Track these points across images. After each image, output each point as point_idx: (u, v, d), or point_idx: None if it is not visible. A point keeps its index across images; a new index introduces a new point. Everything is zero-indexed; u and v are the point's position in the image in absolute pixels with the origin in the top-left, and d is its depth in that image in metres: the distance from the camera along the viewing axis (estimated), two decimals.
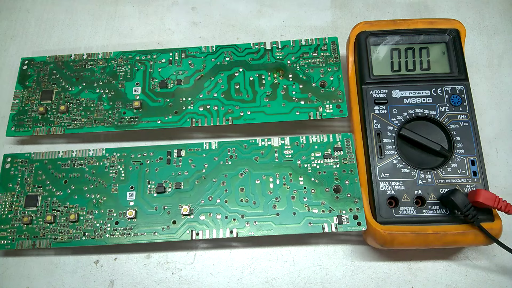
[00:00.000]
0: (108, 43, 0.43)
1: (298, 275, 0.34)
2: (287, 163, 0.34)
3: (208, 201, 0.34)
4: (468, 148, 0.33)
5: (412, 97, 0.35)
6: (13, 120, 0.38)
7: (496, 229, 0.31)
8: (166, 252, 0.35)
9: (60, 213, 0.34)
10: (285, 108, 0.36)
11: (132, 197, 0.34)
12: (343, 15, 0.44)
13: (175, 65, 0.39)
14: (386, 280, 0.34)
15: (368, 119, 0.34)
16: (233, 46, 0.39)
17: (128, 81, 0.38)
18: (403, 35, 0.36)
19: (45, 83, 0.39)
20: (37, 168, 0.36)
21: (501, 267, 0.34)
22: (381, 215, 0.32)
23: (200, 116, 0.36)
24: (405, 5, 0.44)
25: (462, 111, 0.34)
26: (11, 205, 0.35)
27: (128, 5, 0.45)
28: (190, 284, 0.34)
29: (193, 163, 0.35)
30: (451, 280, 0.34)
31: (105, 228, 0.33)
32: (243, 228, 0.33)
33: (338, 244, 0.35)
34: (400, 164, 0.33)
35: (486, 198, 0.30)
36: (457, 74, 0.35)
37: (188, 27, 0.44)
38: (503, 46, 0.42)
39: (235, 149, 0.35)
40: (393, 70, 0.36)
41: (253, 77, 0.37)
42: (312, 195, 0.33)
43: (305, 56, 0.38)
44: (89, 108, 0.38)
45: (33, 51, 0.43)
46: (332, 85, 0.37)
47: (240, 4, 0.45)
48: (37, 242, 0.33)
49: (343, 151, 0.35)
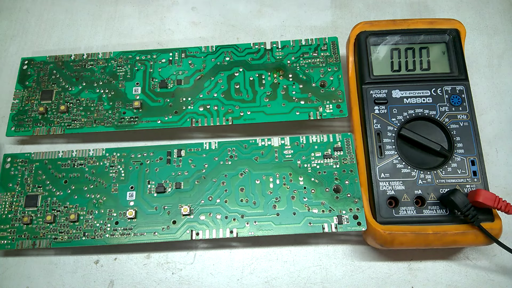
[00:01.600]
0: (108, 43, 0.43)
1: (298, 275, 0.34)
2: (287, 163, 0.34)
3: (208, 201, 0.34)
4: (468, 148, 0.33)
5: (412, 97, 0.35)
6: (13, 120, 0.38)
7: (496, 229, 0.31)
8: (166, 252, 0.35)
9: (60, 213, 0.34)
10: (285, 108, 0.36)
11: (132, 197, 0.34)
12: (343, 15, 0.44)
13: (175, 65, 0.39)
14: (386, 280, 0.34)
15: (368, 119, 0.34)
16: (233, 46, 0.39)
17: (128, 81, 0.38)
18: (403, 35, 0.36)
19: (45, 83, 0.39)
20: (37, 168, 0.36)
21: (501, 267, 0.34)
22: (381, 215, 0.32)
23: (200, 116, 0.36)
24: (405, 5, 0.44)
25: (462, 111, 0.34)
26: (11, 205, 0.35)
27: (128, 5, 0.45)
28: (190, 284, 0.34)
29: (193, 163, 0.35)
30: (451, 280, 0.34)
31: (105, 228, 0.33)
32: (243, 228, 0.33)
33: (338, 244, 0.35)
34: (400, 164, 0.33)
35: (486, 198, 0.30)
36: (457, 74, 0.35)
37: (188, 27, 0.44)
38: (503, 46, 0.42)
39: (235, 149, 0.35)
40: (393, 70, 0.36)
41: (253, 77, 0.37)
42: (312, 195, 0.33)
43: (305, 56, 0.38)
44: (89, 108, 0.38)
45: (33, 51, 0.43)
46: (332, 85, 0.37)
47: (240, 4, 0.45)
48: (37, 242, 0.33)
49: (343, 151, 0.35)
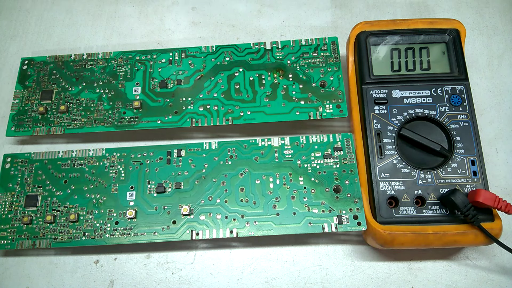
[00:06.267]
0: (108, 43, 0.43)
1: (298, 275, 0.34)
2: (287, 163, 0.34)
3: (208, 201, 0.34)
4: (468, 148, 0.33)
5: (412, 97, 0.35)
6: (13, 120, 0.38)
7: (496, 229, 0.31)
8: (166, 252, 0.35)
9: (60, 213, 0.34)
10: (285, 108, 0.36)
11: (132, 197, 0.34)
12: (343, 15, 0.44)
13: (175, 65, 0.39)
14: (386, 280, 0.34)
15: (368, 119, 0.34)
16: (233, 46, 0.39)
17: (128, 81, 0.38)
18: (403, 35, 0.36)
19: (45, 83, 0.39)
20: (37, 168, 0.36)
21: (501, 267, 0.34)
22: (381, 215, 0.32)
23: (200, 116, 0.36)
24: (405, 5, 0.44)
25: (462, 111, 0.34)
26: (11, 205, 0.35)
27: (128, 5, 0.45)
28: (190, 284, 0.34)
29: (193, 163, 0.35)
30: (451, 280, 0.34)
31: (105, 228, 0.33)
32: (243, 228, 0.33)
33: (338, 244, 0.35)
34: (400, 164, 0.33)
35: (486, 198, 0.30)
36: (457, 74, 0.35)
37: (188, 27, 0.44)
38: (503, 46, 0.42)
39: (235, 149, 0.35)
40: (393, 70, 0.36)
41: (253, 77, 0.37)
42: (312, 195, 0.33)
43: (305, 56, 0.38)
44: (89, 108, 0.38)
45: (33, 51, 0.43)
46: (332, 85, 0.37)
47: (240, 4, 0.45)
48: (37, 242, 0.33)
49: (343, 151, 0.35)
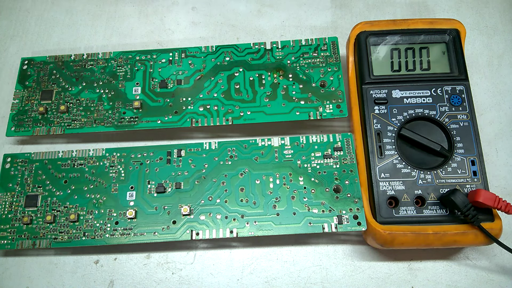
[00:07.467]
0: (108, 43, 0.43)
1: (298, 275, 0.34)
2: (287, 163, 0.34)
3: (208, 201, 0.34)
4: (468, 148, 0.33)
5: (412, 97, 0.35)
6: (13, 120, 0.38)
7: (496, 229, 0.31)
8: (166, 252, 0.35)
9: (60, 213, 0.34)
10: (285, 108, 0.36)
11: (132, 197, 0.34)
12: (343, 15, 0.44)
13: (175, 65, 0.39)
14: (386, 280, 0.34)
15: (368, 119, 0.34)
16: (233, 46, 0.39)
17: (128, 81, 0.38)
18: (403, 35, 0.36)
19: (45, 83, 0.39)
20: (37, 168, 0.36)
21: (501, 267, 0.34)
22: (381, 215, 0.32)
23: (200, 116, 0.36)
24: (405, 5, 0.44)
25: (462, 111, 0.34)
26: (11, 205, 0.35)
27: (128, 5, 0.45)
28: (190, 284, 0.34)
29: (193, 163, 0.35)
30: (451, 280, 0.34)
31: (105, 228, 0.33)
32: (243, 228, 0.33)
33: (338, 244, 0.35)
34: (400, 164, 0.33)
35: (486, 198, 0.30)
36: (457, 74, 0.35)
37: (188, 27, 0.44)
38: (503, 46, 0.42)
39: (235, 149, 0.35)
40: (393, 70, 0.36)
41: (253, 77, 0.37)
42: (312, 195, 0.33)
43: (305, 56, 0.38)
44: (89, 108, 0.38)
45: (33, 51, 0.43)
46: (332, 85, 0.37)
47: (240, 4, 0.45)
48: (37, 242, 0.33)
49: (343, 151, 0.35)
